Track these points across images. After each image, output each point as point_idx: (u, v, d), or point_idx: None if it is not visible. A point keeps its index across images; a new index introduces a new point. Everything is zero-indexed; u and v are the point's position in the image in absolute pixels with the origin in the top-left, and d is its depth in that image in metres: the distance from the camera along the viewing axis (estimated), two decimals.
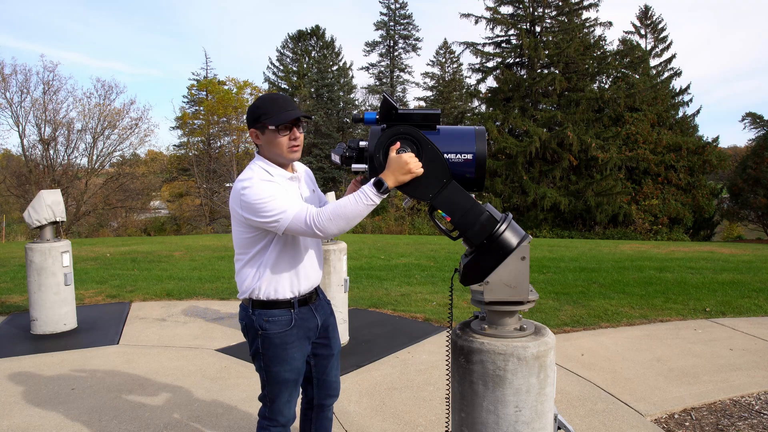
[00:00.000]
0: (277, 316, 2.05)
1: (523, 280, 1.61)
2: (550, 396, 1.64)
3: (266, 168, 2.00)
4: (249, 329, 2.09)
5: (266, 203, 1.87)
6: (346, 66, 36.24)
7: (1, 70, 21.15)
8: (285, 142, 1.99)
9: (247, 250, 2.03)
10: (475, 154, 1.67)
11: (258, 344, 2.06)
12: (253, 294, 2.04)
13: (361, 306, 6.04)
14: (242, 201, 1.91)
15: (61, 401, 3.48)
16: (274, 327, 2.04)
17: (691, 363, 4.11)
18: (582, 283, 7.28)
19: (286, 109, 1.98)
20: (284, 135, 1.98)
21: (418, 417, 3.22)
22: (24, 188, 21.74)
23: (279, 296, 2.04)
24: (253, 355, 2.10)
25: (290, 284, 2.06)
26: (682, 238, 22.06)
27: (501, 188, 23.11)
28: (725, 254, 10.61)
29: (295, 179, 2.09)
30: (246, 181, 1.92)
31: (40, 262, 4.98)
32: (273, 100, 2.00)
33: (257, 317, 2.05)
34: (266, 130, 1.98)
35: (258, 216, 1.89)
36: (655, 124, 24.61)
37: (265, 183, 1.92)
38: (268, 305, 2.05)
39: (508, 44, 25.91)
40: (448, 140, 1.70)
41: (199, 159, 28.73)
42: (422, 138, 1.68)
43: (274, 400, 2.10)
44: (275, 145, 1.99)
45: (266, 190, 1.89)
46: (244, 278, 2.06)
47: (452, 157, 1.68)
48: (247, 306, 2.09)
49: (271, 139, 1.98)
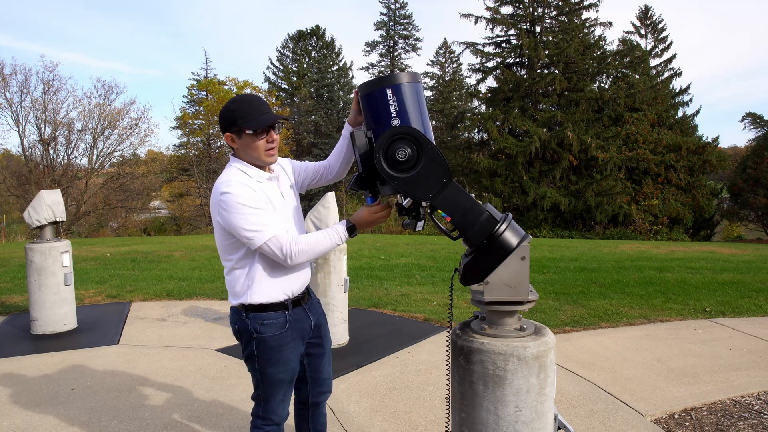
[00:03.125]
0: (272, 318, 2.02)
1: (523, 280, 1.61)
2: (550, 396, 1.64)
3: (244, 170, 1.97)
4: (242, 333, 2.05)
5: (244, 215, 1.86)
6: (346, 66, 36.25)
7: (1, 70, 21.18)
8: (263, 145, 1.96)
9: (231, 256, 2.00)
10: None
11: (253, 347, 2.03)
12: (246, 299, 2.01)
13: (361, 306, 6.04)
14: (220, 207, 1.88)
15: (61, 401, 3.48)
16: (269, 330, 2.02)
17: (691, 363, 4.11)
18: (582, 283, 7.28)
19: (263, 111, 1.94)
20: (262, 138, 1.96)
21: (418, 417, 3.22)
22: (24, 188, 21.75)
23: (272, 299, 2.02)
24: (247, 357, 2.08)
25: (282, 286, 2.03)
26: (682, 238, 22.07)
27: (501, 188, 23.12)
28: (725, 254, 10.61)
29: (273, 179, 2.06)
30: (224, 185, 1.89)
31: (40, 262, 4.98)
32: (248, 102, 1.97)
33: (251, 321, 2.01)
34: (243, 134, 1.95)
35: (235, 225, 1.87)
36: (655, 124, 24.62)
37: (245, 189, 1.89)
38: (262, 308, 2.01)
39: (508, 44, 25.91)
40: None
41: (199, 159, 28.70)
42: (422, 138, 1.68)
43: (269, 400, 2.09)
44: (252, 148, 1.96)
45: (248, 200, 1.87)
46: (234, 283, 2.02)
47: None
48: (239, 310, 2.05)
49: (248, 142, 1.96)
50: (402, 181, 1.68)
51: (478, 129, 27.04)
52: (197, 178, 27.83)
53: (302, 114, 31.84)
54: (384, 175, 1.68)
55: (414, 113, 1.71)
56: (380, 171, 1.69)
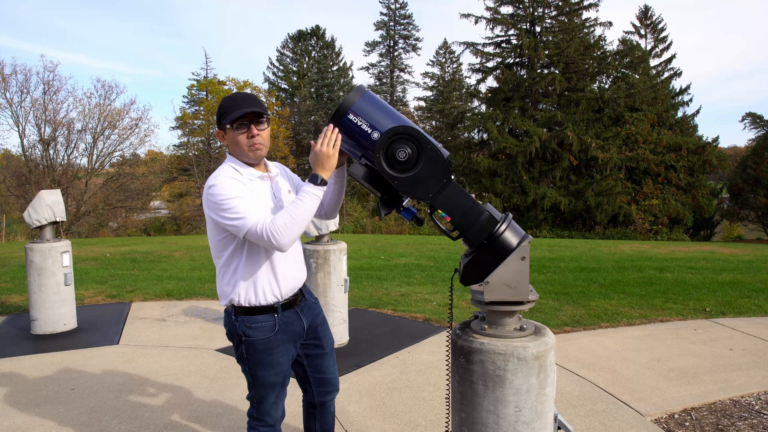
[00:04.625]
0: (260, 322, 2.00)
1: (523, 280, 1.61)
2: (550, 396, 1.64)
3: (235, 167, 1.97)
4: (233, 335, 2.04)
5: (229, 202, 1.84)
6: (346, 66, 36.26)
7: (1, 70, 21.15)
8: (243, 140, 1.96)
9: (221, 253, 1.99)
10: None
11: (242, 350, 2.02)
12: (233, 300, 1.99)
13: (361, 306, 6.04)
14: (209, 199, 1.88)
15: (61, 401, 3.48)
16: (258, 333, 2.00)
17: (691, 363, 4.11)
18: (582, 283, 7.28)
19: (242, 106, 1.94)
20: (241, 133, 1.95)
21: (418, 417, 3.22)
22: (24, 188, 21.72)
23: (260, 301, 1.99)
24: (238, 358, 2.08)
25: (270, 288, 2.01)
26: (682, 238, 22.07)
27: (501, 188, 23.12)
28: (725, 254, 10.62)
29: (266, 178, 2.04)
30: (213, 178, 1.90)
31: (40, 262, 4.98)
32: (232, 98, 1.97)
33: (240, 324, 2.00)
34: (228, 130, 1.96)
35: (220, 216, 1.86)
36: (655, 124, 24.63)
37: (231, 181, 1.89)
38: (251, 311, 1.99)
39: (508, 44, 25.92)
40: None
41: (199, 159, 28.70)
42: (422, 137, 1.68)
43: (261, 402, 2.09)
44: (235, 143, 1.97)
45: (231, 190, 1.86)
46: (222, 284, 2.01)
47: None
48: (230, 312, 2.04)
49: (232, 138, 1.97)
50: (402, 181, 1.68)
51: (478, 129, 27.05)
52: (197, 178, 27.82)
53: (302, 114, 31.84)
54: (384, 175, 1.68)
55: (384, 119, 1.73)
56: (380, 171, 1.69)
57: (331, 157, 1.82)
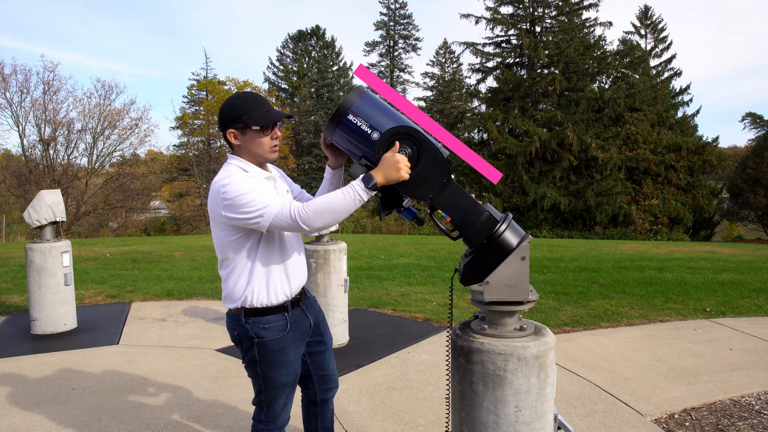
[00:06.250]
0: (273, 322, 1.99)
1: (523, 280, 1.61)
2: (550, 396, 1.64)
3: (243, 166, 1.96)
4: (243, 339, 2.01)
5: (248, 197, 1.81)
6: (346, 66, 36.25)
7: (1, 70, 21.16)
8: (267, 142, 1.96)
9: (232, 256, 1.95)
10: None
11: (254, 352, 1.99)
12: (246, 302, 1.96)
13: (361, 306, 6.04)
14: (223, 198, 1.84)
15: (61, 401, 3.48)
16: (271, 333, 1.98)
17: (691, 363, 4.11)
18: (582, 283, 7.28)
19: (268, 108, 1.94)
20: (267, 135, 1.96)
21: (418, 417, 3.22)
22: (24, 188, 21.73)
23: (272, 301, 1.99)
24: (249, 363, 2.04)
25: (282, 287, 2.00)
26: (682, 238, 22.07)
27: (501, 188, 23.12)
28: (725, 254, 10.62)
29: (271, 179, 2.04)
30: (225, 178, 1.86)
31: (40, 262, 4.98)
32: (253, 99, 1.96)
33: (252, 325, 1.97)
34: (248, 130, 1.94)
35: (240, 213, 1.82)
36: (655, 124, 24.63)
37: (244, 177, 1.88)
38: (262, 312, 1.98)
39: (508, 44, 25.92)
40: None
41: (199, 159, 28.71)
42: (422, 138, 1.68)
43: (271, 404, 2.07)
44: (257, 145, 1.95)
45: (246, 185, 1.83)
46: (233, 286, 1.97)
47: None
48: (237, 315, 2.00)
49: (253, 138, 1.95)
50: (402, 181, 1.68)
51: (478, 129, 27.05)
52: (197, 178, 27.84)
53: (302, 114, 31.84)
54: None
55: (383, 119, 1.72)
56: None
57: (399, 174, 1.67)
